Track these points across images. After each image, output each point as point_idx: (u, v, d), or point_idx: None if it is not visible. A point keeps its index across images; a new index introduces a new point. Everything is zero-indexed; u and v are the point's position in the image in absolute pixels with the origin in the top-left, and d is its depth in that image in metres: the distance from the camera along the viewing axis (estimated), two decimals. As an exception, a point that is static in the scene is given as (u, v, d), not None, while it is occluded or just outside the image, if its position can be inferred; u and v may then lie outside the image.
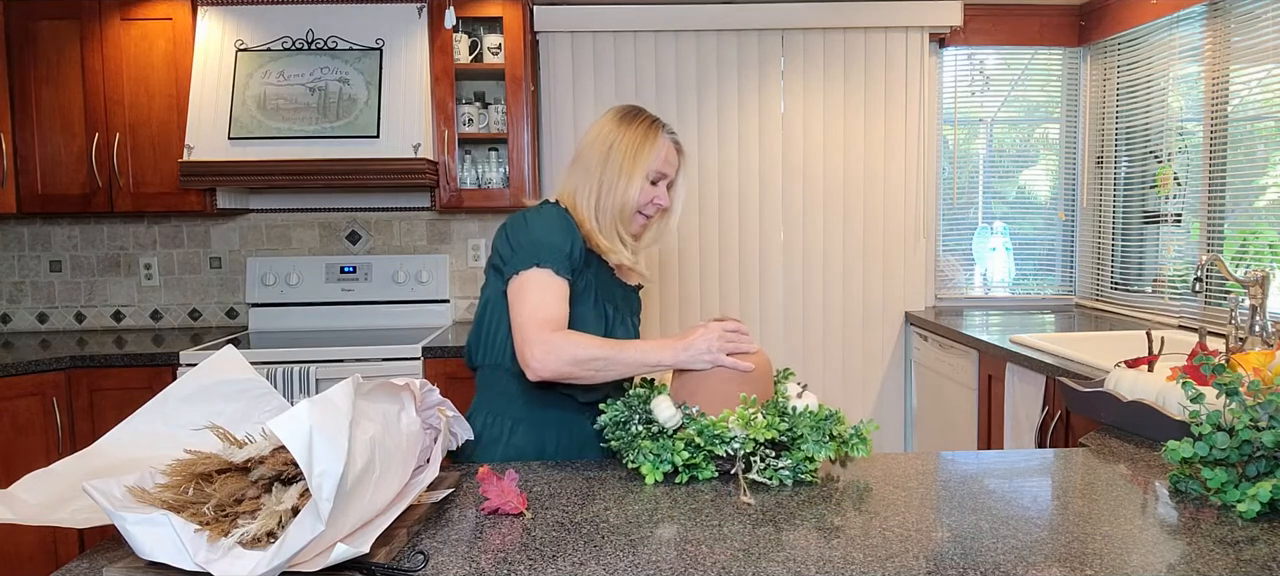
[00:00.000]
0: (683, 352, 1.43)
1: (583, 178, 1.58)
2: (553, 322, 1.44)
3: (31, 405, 2.73)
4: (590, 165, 1.58)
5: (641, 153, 1.57)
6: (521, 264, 1.47)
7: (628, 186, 1.56)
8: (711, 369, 1.42)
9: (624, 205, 1.57)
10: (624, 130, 1.58)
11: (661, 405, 1.37)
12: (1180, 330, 2.79)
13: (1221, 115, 2.78)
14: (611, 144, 1.57)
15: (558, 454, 1.57)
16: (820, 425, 1.32)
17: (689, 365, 1.43)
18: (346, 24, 3.04)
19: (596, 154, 1.58)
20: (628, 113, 1.62)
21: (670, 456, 1.31)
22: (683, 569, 0.99)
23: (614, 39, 3.41)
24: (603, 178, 1.56)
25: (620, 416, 1.39)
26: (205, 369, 1.27)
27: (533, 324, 1.43)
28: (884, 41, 3.47)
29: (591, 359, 1.43)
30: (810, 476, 1.30)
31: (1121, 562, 0.99)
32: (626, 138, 1.58)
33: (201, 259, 3.50)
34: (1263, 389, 1.23)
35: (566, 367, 1.42)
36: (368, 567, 0.97)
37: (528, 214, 1.54)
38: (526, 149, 3.18)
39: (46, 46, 3.05)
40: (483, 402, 1.62)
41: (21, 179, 3.07)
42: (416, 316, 3.44)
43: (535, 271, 1.46)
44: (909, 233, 3.55)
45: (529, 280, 1.46)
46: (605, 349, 1.44)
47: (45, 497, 1.05)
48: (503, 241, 1.53)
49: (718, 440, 1.30)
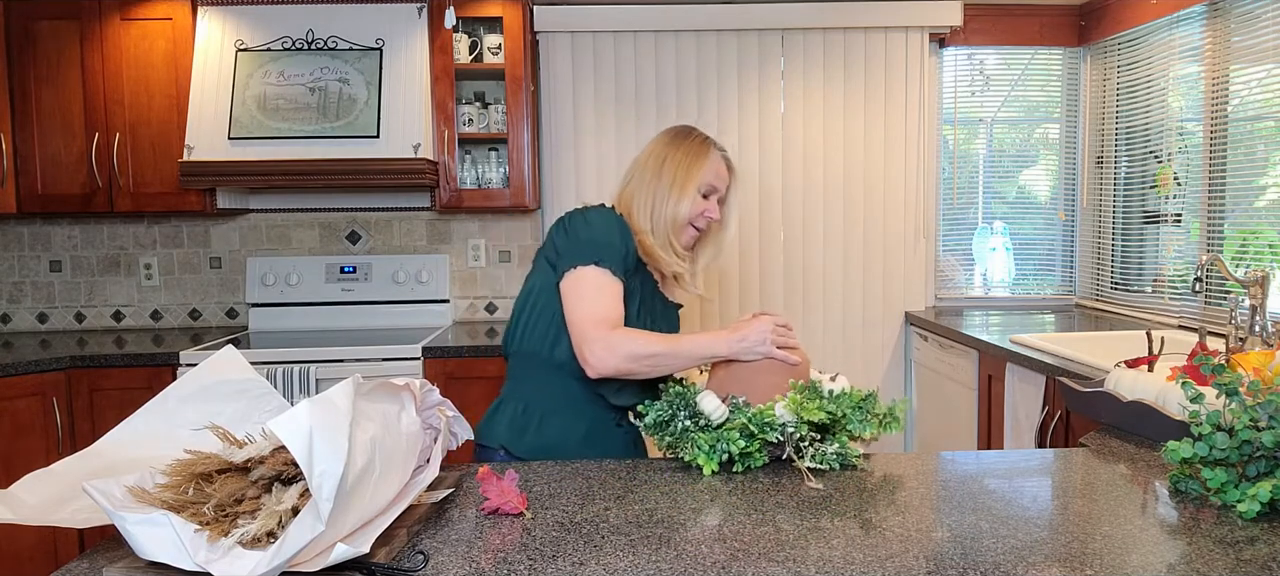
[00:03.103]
0: (738, 343, 1.48)
1: (639, 188, 1.65)
2: (610, 320, 1.48)
3: (31, 405, 2.73)
4: (645, 177, 1.65)
5: (694, 167, 1.65)
6: (579, 259, 1.52)
7: (680, 199, 1.63)
8: (760, 361, 1.47)
9: (676, 217, 1.64)
10: (677, 146, 1.67)
11: (707, 399, 1.40)
12: (1180, 330, 2.79)
13: (1221, 115, 2.78)
14: (665, 159, 1.65)
15: (583, 450, 1.58)
16: (862, 405, 1.38)
17: (741, 356, 1.48)
18: (346, 24, 3.04)
19: (651, 168, 1.66)
20: (682, 131, 1.71)
21: (726, 446, 1.34)
22: (682, 569, 0.99)
23: (614, 39, 3.41)
24: (656, 190, 1.64)
25: (664, 415, 1.41)
26: (205, 369, 1.27)
27: (591, 321, 1.48)
28: (884, 41, 3.47)
29: (650, 354, 1.47)
30: (856, 460, 1.35)
31: (1121, 562, 0.99)
32: (680, 153, 1.66)
33: (201, 259, 3.50)
34: (1263, 389, 1.23)
35: (625, 364, 1.47)
36: (368, 567, 0.97)
37: (588, 213, 1.59)
38: (526, 149, 3.18)
39: (46, 46, 3.05)
40: (514, 391, 1.64)
41: (21, 179, 3.07)
42: (416, 316, 3.44)
43: (593, 269, 1.51)
44: (909, 232, 3.55)
45: (587, 277, 1.51)
46: (662, 344, 1.49)
47: (45, 497, 1.05)
48: (560, 235, 1.57)
49: (768, 427, 1.34)
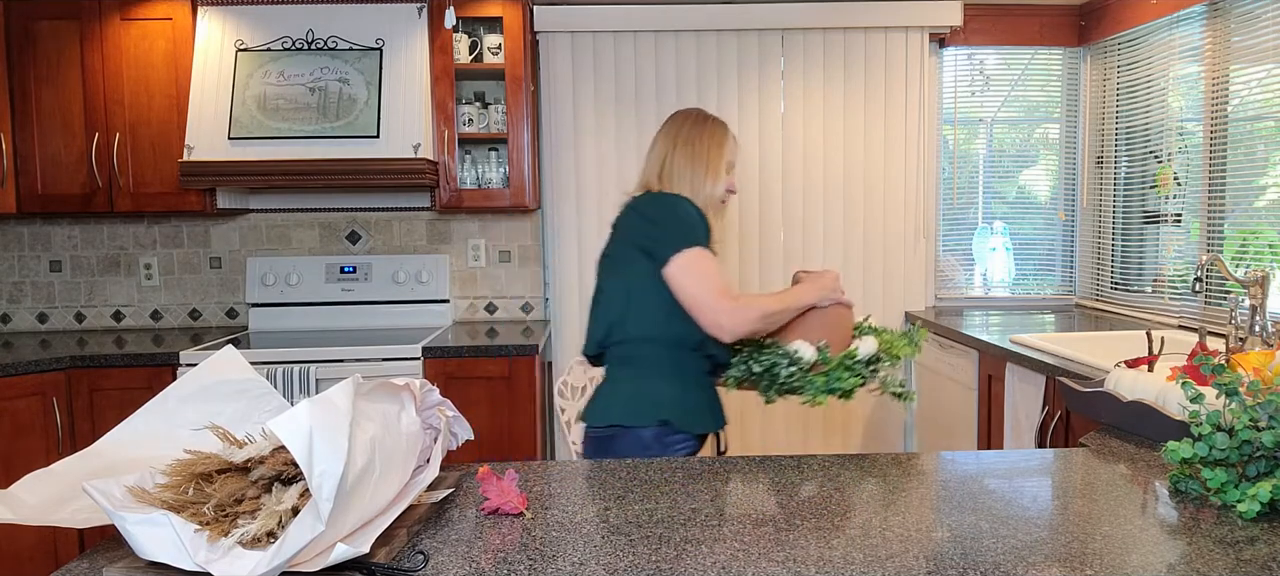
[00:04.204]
0: (820, 294, 1.75)
1: (679, 173, 1.79)
2: (725, 290, 1.67)
3: (31, 405, 2.73)
4: (681, 163, 1.79)
5: (723, 147, 1.83)
6: (684, 243, 1.66)
7: (716, 179, 1.81)
8: (830, 307, 1.75)
9: (714, 195, 1.81)
10: (702, 129, 1.82)
11: (802, 347, 1.66)
12: (1180, 330, 2.79)
13: (1221, 115, 2.78)
14: (693, 143, 1.80)
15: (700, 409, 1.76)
16: (907, 334, 1.79)
17: (819, 304, 1.75)
18: (346, 24, 3.04)
19: (685, 153, 1.80)
20: (698, 115, 1.85)
21: (838, 383, 1.62)
22: (682, 569, 0.99)
23: (614, 39, 3.41)
24: (695, 173, 1.79)
25: (765, 366, 1.66)
26: (205, 369, 1.27)
27: (715, 294, 1.65)
28: (884, 41, 3.47)
29: (772, 312, 1.70)
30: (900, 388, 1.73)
31: (1121, 562, 0.99)
32: (706, 137, 1.81)
33: (201, 259, 3.50)
34: (1263, 389, 1.23)
35: (756, 325, 1.68)
36: (368, 567, 0.97)
37: (666, 199, 1.73)
38: (526, 149, 3.18)
39: (46, 46, 3.05)
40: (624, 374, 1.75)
41: (21, 179, 3.07)
42: (416, 316, 3.44)
43: (697, 250, 1.67)
44: (909, 232, 3.55)
45: (695, 258, 1.66)
46: (775, 302, 1.71)
47: (45, 497, 1.05)
48: (649, 224, 1.70)
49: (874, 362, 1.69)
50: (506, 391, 2.91)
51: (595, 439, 1.76)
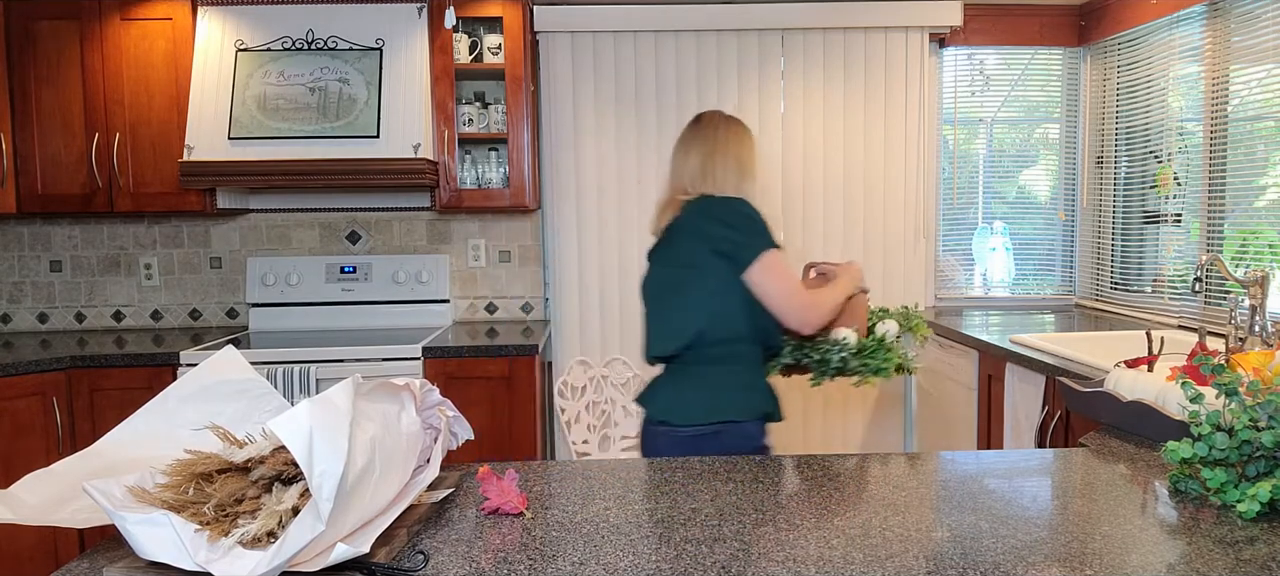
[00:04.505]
0: (855, 285, 1.91)
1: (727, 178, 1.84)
2: (802, 289, 1.79)
3: (31, 405, 2.73)
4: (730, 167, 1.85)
5: (755, 149, 1.92)
6: (764, 246, 1.74)
7: (754, 180, 1.88)
8: (857, 294, 1.91)
9: (753, 196, 1.86)
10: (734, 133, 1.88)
11: (849, 334, 1.85)
12: (1180, 330, 2.79)
13: (1221, 115, 2.78)
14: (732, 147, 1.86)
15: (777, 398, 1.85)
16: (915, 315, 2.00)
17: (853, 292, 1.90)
18: (346, 24, 3.04)
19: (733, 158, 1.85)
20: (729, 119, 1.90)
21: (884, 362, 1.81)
22: (682, 569, 0.99)
23: (614, 39, 3.41)
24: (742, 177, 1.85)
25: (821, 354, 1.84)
26: (205, 369, 1.27)
27: (796, 292, 1.76)
28: (884, 41, 3.47)
29: (834, 304, 1.83)
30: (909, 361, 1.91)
31: (1121, 562, 0.99)
32: (742, 142, 1.88)
33: (201, 259, 3.50)
34: (1262, 389, 1.23)
35: (827, 319, 1.82)
36: (368, 567, 0.97)
37: (734, 203, 1.79)
38: (526, 149, 3.18)
39: (46, 46, 3.05)
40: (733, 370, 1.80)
41: (21, 179, 3.07)
42: (416, 316, 3.44)
43: (775, 253, 1.75)
44: (909, 232, 3.55)
45: (775, 260, 1.75)
46: (833, 295, 1.84)
47: (45, 497, 1.05)
48: (725, 228, 1.75)
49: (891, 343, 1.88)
50: (506, 391, 2.91)
51: (692, 437, 1.75)
